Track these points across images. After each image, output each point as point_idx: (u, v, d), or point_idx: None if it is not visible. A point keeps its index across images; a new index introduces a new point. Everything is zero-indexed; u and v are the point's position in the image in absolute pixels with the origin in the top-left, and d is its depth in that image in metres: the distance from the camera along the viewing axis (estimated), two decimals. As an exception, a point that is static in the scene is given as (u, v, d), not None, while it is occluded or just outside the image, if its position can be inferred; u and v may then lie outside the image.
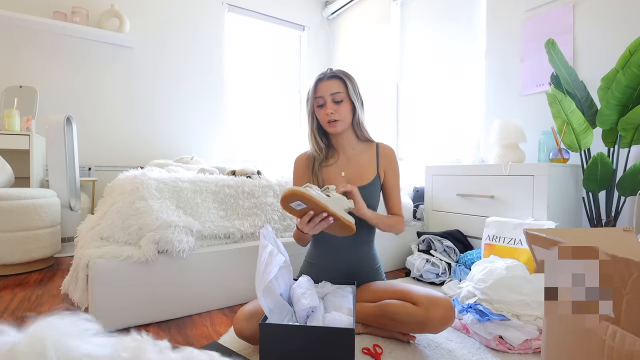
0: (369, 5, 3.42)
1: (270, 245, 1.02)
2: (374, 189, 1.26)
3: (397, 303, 1.07)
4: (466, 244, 1.85)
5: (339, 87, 1.20)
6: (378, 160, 1.28)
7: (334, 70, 1.24)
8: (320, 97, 1.21)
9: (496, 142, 1.81)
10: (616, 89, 1.41)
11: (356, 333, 1.14)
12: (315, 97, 1.23)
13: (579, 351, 0.65)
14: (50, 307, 1.39)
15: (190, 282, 1.35)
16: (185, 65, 3.17)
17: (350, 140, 1.30)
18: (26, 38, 2.56)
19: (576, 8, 1.91)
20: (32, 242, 1.86)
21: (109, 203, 1.41)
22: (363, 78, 3.45)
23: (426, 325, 1.01)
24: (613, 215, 1.56)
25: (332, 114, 1.19)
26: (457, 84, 2.65)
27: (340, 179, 1.27)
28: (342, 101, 1.20)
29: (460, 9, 2.62)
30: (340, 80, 1.21)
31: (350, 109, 1.23)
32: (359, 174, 1.27)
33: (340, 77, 1.22)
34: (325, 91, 1.20)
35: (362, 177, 1.27)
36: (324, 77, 1.22)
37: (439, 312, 0.99)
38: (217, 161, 3.24)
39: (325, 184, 1.27)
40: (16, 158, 2.28)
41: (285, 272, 1.06)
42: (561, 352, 0.70)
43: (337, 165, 1.30)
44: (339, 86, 1.20)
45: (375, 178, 1.27)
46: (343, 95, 1.20)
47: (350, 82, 1.22)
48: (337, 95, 1.20)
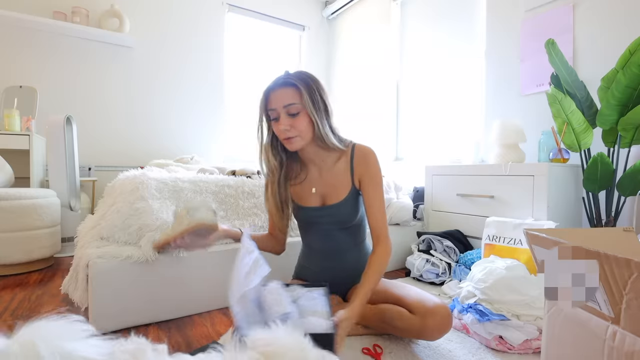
0: (369, 5, 3.42)
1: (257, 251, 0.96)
2: (350, 204, 1.12)
3: (394, 309, 1.03)
4: (466, 244, 1.85)
5: (294, 97, 1.01)
6: (353, 168, 1.11)
7: (289, 75, 1.03)
8: (272, 109, 1.03)
9: (496, 142, 1.81)
10: (616, 89, 1.41)
11: (357, 334, 1.14)
12: (266, 109, 1.05)
13: (579, 351, 0.65)
14: (51, 307, 1.39)
15: (190, 282, 1.35)
16: (185, 65, 3.17)
17: (317, 152, 1.11)
18: (26, 38, 2.56)
19: (576, 8, 1.91)
20: (32, 242, 1.86)
21: (109, 203, 1.41)
22: (363, 78, 3.46)
23: (422, 334, 0.99)
24: (613, 215, 1.56)
25: (286, 130, 1.02)
26: (457, 83, 2.65)
27: (311, 197, 1.16)
28: (298, 113, 1.01)
29: (460, 9, 2.62)
30: (295, 88, 1.01)
31: (309, 122, 1.03)
32: (332, 189, 1.13)
33: (294, 84, 1.01)
34: (278, 103, 1.01)
35: (336, 192, 1.12)
36: (276, 85, 1.03)
37: (435, 322, 0.96)
38: (217, 161, 3.24)
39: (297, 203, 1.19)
40: (16, 158, 2.28)
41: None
42: (561, 352, 0.70)
43: (307, 180, 1.16)
44: (293, 96, 1.01)
45: (350, 191, 1.11)
46: (299, 107, 1.01)
47: (307, 89, 1.01)
48: (292, 107, 1.01)
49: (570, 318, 0.68)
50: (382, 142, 3.22)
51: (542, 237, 0.72)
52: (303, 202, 1.18)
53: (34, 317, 0.40)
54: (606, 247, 0.59)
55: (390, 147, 3.17)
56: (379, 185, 1.09)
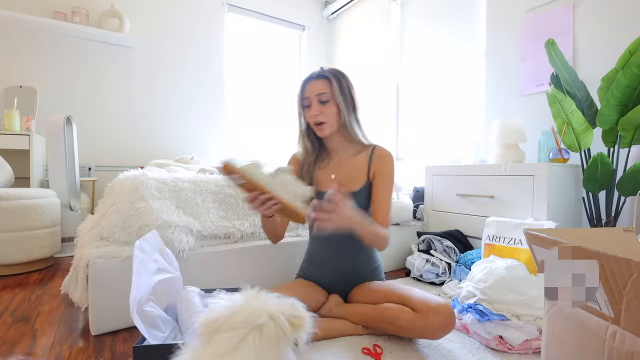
0: (369, 5, 3.43)
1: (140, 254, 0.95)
2: (364, 196, 1.21)
3: (396, 308, 1.05)
4: (466, 244, 1.85)
5: (325, 87, 1.16)
6: (370, 164, 1.22)
7: (323, 70, 1.20)
8: (306, 97, 1.19)
9: (496, 142, 1.81)
10: (616, 89, 1.41)
11: (357, 334, 1.14)
12: (302, 97, 1.20)
13: (579, 351, 0.65)
14: (50, 307, 1.39)
15: (190, 282, 1.35)
16: (185, 65, 3.17)
17: (341, 142, 1.25)
18: (26, 38, 2.56)
19: (576, 8, 1.91)
20: (32, 242, 1.86)
21: (108, 203, 1.41)
22: (363, 78, 3.46)
23: (425, 332, 1.00)
24: (613, 215, 1.56)
25: (316, 115, 1.16)
26: (457, 83, 2.65)
27: (330, 182, 1.24)
28: (327, 101, 1.16)
29: (460, 9, 2.62)
30: (327, 80, 1.17)
31: (336, 110, 1.18)
32: (349, 179, 1.23)
33: (326, 76, 1.18)
34: (312, 92, 1.17)
35: (353, 182, 1.22)
36: (312, 77, 1.19)
37: (439, 320, 0.97)
38: (217, 161, 3.23)
39: (317, 186, 1.25)
40: (16, 158, 2.28)
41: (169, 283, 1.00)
42: (561, 352, 0.70)
43: (329, 167, 1.27)
44: (324, 86, 1.16)
45: (365, 184, 1.21)
46: (328, 96, 1.16)
47: (337, 81, 1.17)
48: (323, 96, 1.16)
49: (570, 318, 0.68)
50: (382, 142, 3.19)
51: (542, 237, 0.72)
52: (321, 186, 1.26)
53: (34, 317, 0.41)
54: (606, 247, 0.59)
55: (390, 147, 3.12)
56: (389, 182, 1.20)
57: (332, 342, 1.09)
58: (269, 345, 0.54)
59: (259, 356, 0.53)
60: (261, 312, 0.56)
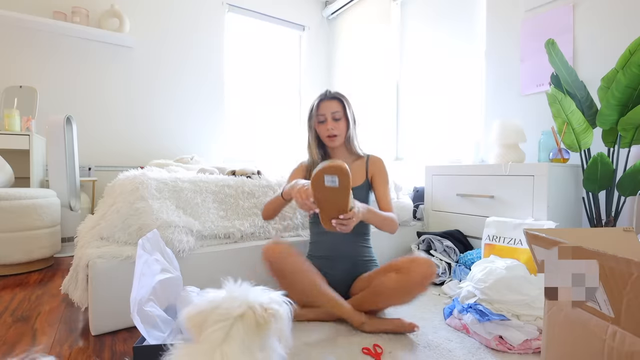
0: (369, 5, 3.42)
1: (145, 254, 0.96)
2: (364, 191, 1.43)
3: (383, 277, 1.19)
4: (466, 244, 1.85)
5: (338, 106, 1.40)
6: (367, 168, 1.45)
7: (334, 93, 1.44)
8: (322, 114, 1.40)
9: (496, 142, 1.81)
10: (616, 89, 1.41)
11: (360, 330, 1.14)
12: (317, 114, 1.41)
13: (579, 351, 0.65)
14: (50, 307, 1.39)
15: (190, 282, 1.35)
16: (185, 65, 3.17)
17: (344, 152, 1.48)
18: (26, 38, 2.56)
19: (576, 8, 1.91)
20: (32, 242, 1.86)
21: (109, 203, 1.41)
22: (363, 78, 3.46)
23: (410, 285, 1.12)
24: (613, 215, 1.56)
25: (332, 129, 1.38)
26: (457, 83, 2.65)
27: None
28: (340, 119, 1.40)
29: (460, 9, 2.62)
30: (339, 101, 1.41)
31: (345, 126, 1.42)
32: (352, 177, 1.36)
33: (339, 98, 1.42)
34: (327, 110, 1.39)
35: (354, 180, 1.40)
36: (325, 98, 1.42)
37: (420, 269, 1.12)
38: (217, 161, 3.24)
39: None
40: (16, 158, 2.28)
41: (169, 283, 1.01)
42: (561, 352, 0.70)
43: None
44: (338, 106, 1.40)
45: (364, 182, 1.43)
46: (341, 114, 1.40)
47: (347, 102, 1.43)
48: (337, 114, 1.39)
49: (570, 318, 0.68)
50: (382, 142, 3.22)
51: (542, 237, 0.72)
52: None
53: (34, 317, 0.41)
54: (606, 247, 0.59)
55: (390, 147, 3.17)
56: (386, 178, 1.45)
57: (332, 343, 1.10)
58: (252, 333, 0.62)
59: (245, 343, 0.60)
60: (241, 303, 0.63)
